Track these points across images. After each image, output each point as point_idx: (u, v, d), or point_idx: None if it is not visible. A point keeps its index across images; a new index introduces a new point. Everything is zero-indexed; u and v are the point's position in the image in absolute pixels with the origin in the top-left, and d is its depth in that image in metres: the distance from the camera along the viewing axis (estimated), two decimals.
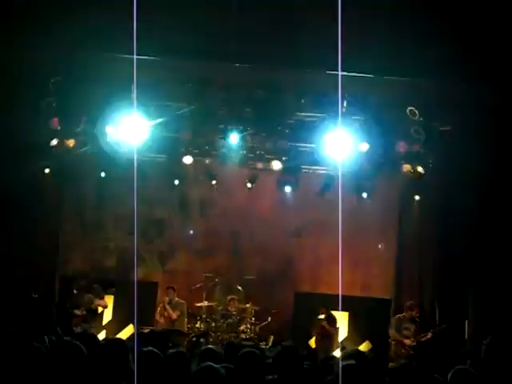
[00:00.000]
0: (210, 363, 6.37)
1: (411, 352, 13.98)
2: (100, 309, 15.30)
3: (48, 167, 15.46)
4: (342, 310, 16.17)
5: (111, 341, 7.50)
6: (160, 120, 14.37)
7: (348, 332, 16.29)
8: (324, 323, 15.19)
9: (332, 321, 15.33)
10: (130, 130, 14.30)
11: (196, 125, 14.30)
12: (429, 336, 14.15)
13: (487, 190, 13.39)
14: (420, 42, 11.93)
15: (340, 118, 13.96)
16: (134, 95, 13.69)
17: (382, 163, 15.17)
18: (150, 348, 6.49)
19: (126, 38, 11.68)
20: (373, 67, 12.26)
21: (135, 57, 10.47)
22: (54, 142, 14.72)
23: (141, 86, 13.59)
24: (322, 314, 15.23)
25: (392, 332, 14.29)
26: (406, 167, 14.86)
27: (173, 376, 6.34)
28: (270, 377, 6.40)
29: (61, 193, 16.35)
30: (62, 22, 12.03)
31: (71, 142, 14.71)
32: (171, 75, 13.39)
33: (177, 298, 15.33)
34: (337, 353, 15.25)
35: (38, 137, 14.65)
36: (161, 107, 14.30)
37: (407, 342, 14.07)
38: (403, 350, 14.01)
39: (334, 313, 15.45)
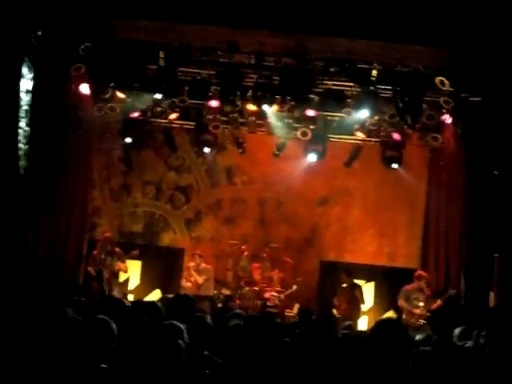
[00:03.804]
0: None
1: (421, 321, 14.04)
2: (121, 273, 15.41)
3: (77, 133, 15.57)
4: (368, 278, 16.25)
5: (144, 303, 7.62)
6: (187, 87, 14.40)
7: (374, 301, 16.35)
8: (358, 292, 15.17)
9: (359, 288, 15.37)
10: (157, 96, 14.41)
11: (224, 92, 14.26)
12: (439, 303, 14.22)
13: None
14: (451, 11, 11.80)
15: (369, 87, 13.91)
16: (161, 60, 13.74)
17: (410, 133, 15.15)
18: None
19: (156, 3, 11.77)
20: (403, 36, 12.14)
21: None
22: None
23: (169, 52, 13.69)
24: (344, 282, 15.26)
25: (401, 302, 14.33)
26: (434, 137, 14.81)
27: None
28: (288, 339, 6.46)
29: (89, 158, 16.45)
30: None
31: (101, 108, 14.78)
32: (199, 41, 13.37)
33: (203, 264, 15.42)
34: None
35: (66, 103, 14.75)
36: (189, 73, 14.29)
37: (417, 311, 14.13)
38: (413, 320, 14.06)
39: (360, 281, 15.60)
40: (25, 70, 13.23)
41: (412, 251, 16.61)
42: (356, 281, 15.61)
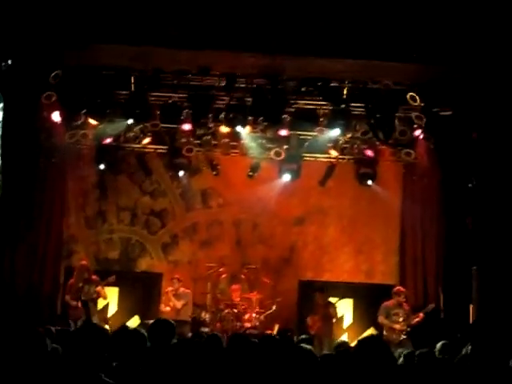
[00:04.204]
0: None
1: (403, 336, 14.06)
2: (101, 299, 15.33)
3: (50, 161, 15.47)
4: (347, 296, 16.27)
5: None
6: (159, 111, 14.38)
7: (353, 318, 16.35)
8: (332, 309, 15.23)
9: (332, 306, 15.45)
10: (129, 121, 14.38)
11: (196, 115, 14.26)
12: (420, 317, 14.26)
13: (489, 172, 13.35)
14: (421, 26, 11.90)
15: (341, 105, 13.97)
16: (133, 86, 13.71)
17: (383, 149, 15.24)
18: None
19: (125, 28, 11.77)
20: (374, 53, 12.23)
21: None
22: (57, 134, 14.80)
23: (140, 77, 13.68)
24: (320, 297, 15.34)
25: (381, 319, 14.35)
26: (407, 152, 14.90)
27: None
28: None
29: (63, 186, 16.34)
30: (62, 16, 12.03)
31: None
32: (170, 65, 13.38)
33: (182, 288, 15.35)
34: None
35: (39, 131, 14.67)
36: (160, 98, 14.28)
37: (397, 326, 14.16)
38: (394, 336, 14.08)
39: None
40: None
41: (389, 267, 16.63)
42: (334, 299, 15.67)
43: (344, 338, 15.73)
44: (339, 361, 6.92)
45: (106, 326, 15.36)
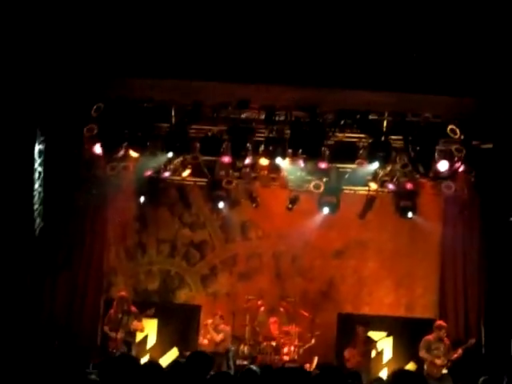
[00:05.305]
0: None
1: (443, 372, 13.91)
2: (138, 332, 15.30)
3: (91, 193, 15.59)
4: (386, 330, 16.11)
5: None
6: (199, 144, 14.45)
7: (393, 353, 16.16)
8: (372, 345, 15.18)
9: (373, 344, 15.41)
10: (170, 154, 14.47)
11: (235, 148, 14.31)
12: (459, 353, 14.08)
13: None
14: (462, 59, 11.87)
15: (380, 137, 13.94)
16: (173, 118, 13.85)
17: (423, 182, 15.15)
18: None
19: (165, 62, 11.89)
20: (413, 85, 12.21)
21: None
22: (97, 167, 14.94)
23: (180, 109, 13.81)
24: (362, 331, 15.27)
25: (423, 353, 14.21)
26: (448, 185, 14.78)
27: None
28: None
29: (104, 218, 16.47)
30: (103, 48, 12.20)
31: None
32: (210, 98, 13.49)
33: (222, 325, 15.21)
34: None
35: (79, 163, 14.82)
36: (200, 130, 14.37)
37: (438, 361, 14.00)
38: (435, 370, 13.94)
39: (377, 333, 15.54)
40: (38, 133, 13.34)
41: (430, 301, 16.45)
42: (373, 333, 15.60)
43: (384, 372, 15.59)
44: None
45: (145, 358, 15.42)
